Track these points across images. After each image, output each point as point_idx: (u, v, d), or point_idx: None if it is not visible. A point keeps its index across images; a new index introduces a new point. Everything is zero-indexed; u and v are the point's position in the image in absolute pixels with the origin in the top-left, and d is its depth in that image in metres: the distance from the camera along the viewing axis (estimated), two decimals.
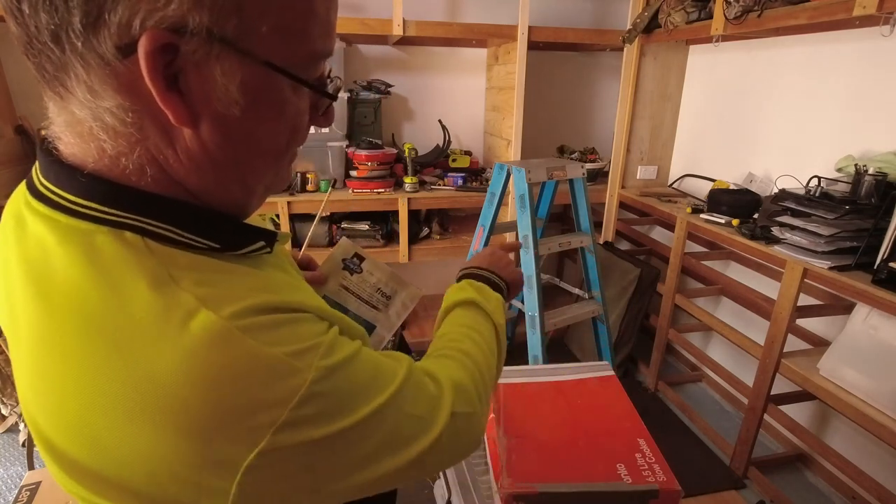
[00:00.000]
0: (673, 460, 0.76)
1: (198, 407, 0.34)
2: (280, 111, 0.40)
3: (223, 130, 0.39)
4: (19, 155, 2.18)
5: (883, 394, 1.38)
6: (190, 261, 0.39)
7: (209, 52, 0.35)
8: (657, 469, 0.74)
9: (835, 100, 1.77)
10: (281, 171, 0.46)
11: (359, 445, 0.40)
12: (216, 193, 0.42)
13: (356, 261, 0.79)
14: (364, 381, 0.42)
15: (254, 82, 0.37)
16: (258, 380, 0.35)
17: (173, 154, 0.39)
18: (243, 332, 0.35)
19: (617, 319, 2.38)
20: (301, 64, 0.40)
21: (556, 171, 1.92)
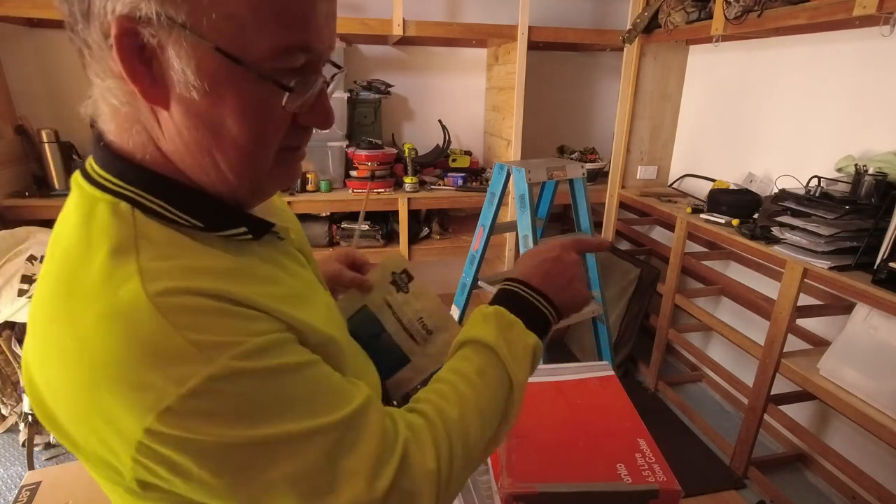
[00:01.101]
0: (673, 460, 0.76)
1: (102, 366, 0.36)
2: (242, 100, 0.41)
3: (189, 114, 0.41)
4: (19, 155, 2.18)
5: (883, 394, 1.38)
6: (164, 235, 0.41)
7: (168, 37, 0.38)
8: (657, 469, 0.74)
9: (835, 100, 1.77)
10: (261, 166, 0.45)
11: (248, 466, 0.38)
12: (198, 175, 0.44)
13: (404, 277, 0.69)
14: (287, 399, 0.40)
15: (209, 68, 0.39)
16: (154, 358, 0.36)
17: (160, 134, 0.42)
18: (161, 309, 0.36)
19: (617, 319, 2.38)
20: (261, 55, 0.39)
21: (556, 171, 1.92)
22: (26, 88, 2.25)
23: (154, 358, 0.36)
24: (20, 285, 1.89)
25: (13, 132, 2.15)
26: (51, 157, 2.10)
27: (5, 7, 1.87)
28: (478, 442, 0.49)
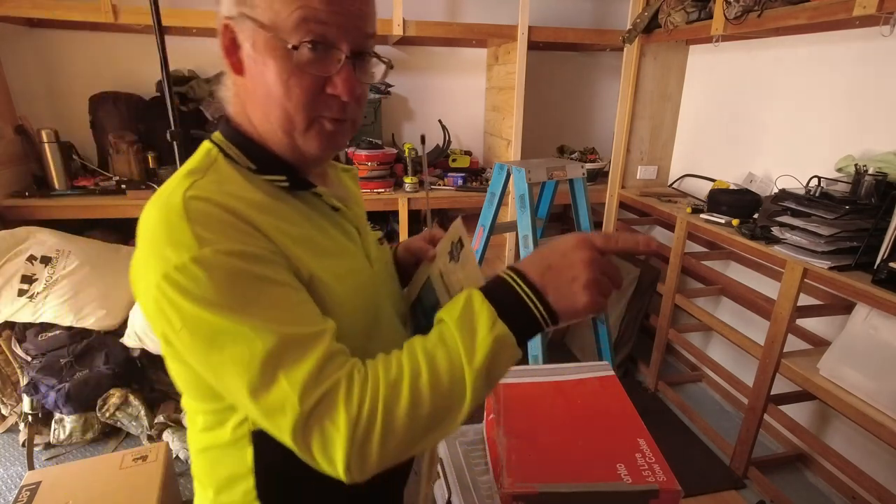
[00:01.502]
0: (673, 460, 0.76)
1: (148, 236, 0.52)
2: (276, 63, 0.54)
3: (254, 79, 0.57)
4: (19, 155, 2.18)
5: (883, 394, 1.38)
6: (228, 171, 0.58)
7: (240, 26, 0.56)
8: (657, 469, 0.74)
9: (835, 100, 1.77)
10: (293, 120, 0.57)
11: (210, 341, 0.49)
12: (265, 129, 0.60)
13: (458, 246, 0.67)
14: (250, 299, 0.49)
15: (258, 43, 0.55)
16: (170, 238, 0.50)
17: (246, 97, 0.60)
18: (186, 208, 0.51)
19: (617, 319, 2.38)
20: (288, 26, 0.53)
21: (556, 171, 1.92)
22: (26, 88, 2.25)
23: (170, 238, 0.50)
24: (20, 285, 1.89)
25: (13, 132, 2.15)
26: (51, 157, 2.09)
27: (5, 7, 1.87)
28: (407, 415, 0.49)
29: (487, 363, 0.50)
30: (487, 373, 0.51)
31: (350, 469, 0.48)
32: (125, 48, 2.32)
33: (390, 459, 0.50)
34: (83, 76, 2.30)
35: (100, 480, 1.46)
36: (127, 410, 1.96)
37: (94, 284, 1.98)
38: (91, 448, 1.99)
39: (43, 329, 1.97)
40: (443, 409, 0.50)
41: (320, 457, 0.49)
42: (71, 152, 2.21)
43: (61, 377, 1.91)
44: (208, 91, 2.29)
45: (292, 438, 0.48)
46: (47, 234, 1.97)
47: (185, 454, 1.88)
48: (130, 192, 2.08)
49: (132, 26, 2.05)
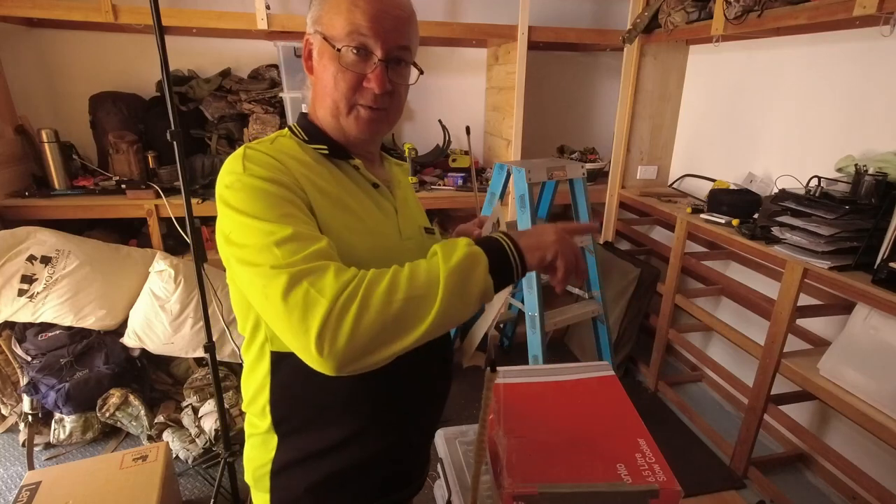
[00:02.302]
0: (673, 460, 0.76)
1: (222, 171, 0.71)
2: (331, 65, 0.73)
3: (319, 77, 0.76)
4: (19, 155, 2.18)
5: (883, 394, 1.38)
6: (289, 142, 0.77)
7: (313, 38, 0.76)
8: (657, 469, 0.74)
9: (835, 100, 1.77)
10: (338, 109, 0.75)
11: (241, 234, 0.63)
12: (321, 114, 0.78)
13: (497, 227, 0.78)
14: (268, 206, 0.64)
15: (321, 49, 0.74)
16: (229, 167, 0.70)
17: (314, 91, 0.79)
18: (246, 153, 0.70)
19: (617, 319, 2.38)
20: (340, 35, 0.71)
21: (556, 171, 1.92)
22: (26, 88, 2.25)
23: (229, 167, 0.69)
24: (20, 285, 1.89)
25: (13, 132, 2.15)
26: (51, 157, 2.09)
27: (5, 7, 1.87)
28: (382, 295, 0.57)
29: (461, 268, 0.60)
30: (460, 279, 0.59)
31: (321, 338, 0.54)
32: (125, 48, 2.32)
33: (359, 344, 0.55)
34: (83, 76, 2.30)
35: (100, 480, 1.46)
36: (127, 410, 1.96)
37: (94, 284, 1.98)
38: (91, 448, 1.99)
39: (43, 329, 1.97)
40: (416, 298, 0.58)
41: (298, 321, 0.55)
42: (71, 152, 2.21)
43: (61, 377, 1.91)
44: (208, 91, 2.29)
45: (282, 297, 0.56)
46: (47, 234, 1.97)
47: (185, 454, 1.89)
48: (130, 192, 2.08)
49: (132, 26, 2.05)
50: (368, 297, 0.56)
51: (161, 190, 2.09)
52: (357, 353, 0.56)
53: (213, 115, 2.28)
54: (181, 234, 2.09)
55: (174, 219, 2.08)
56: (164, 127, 1.34)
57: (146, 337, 2.03)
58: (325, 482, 0.76)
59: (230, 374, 2.17)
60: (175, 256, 2.13)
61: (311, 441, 0.76)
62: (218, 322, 2.05)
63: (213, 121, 2.30)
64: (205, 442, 1.90)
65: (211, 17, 2.03)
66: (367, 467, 0.78)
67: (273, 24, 2.04)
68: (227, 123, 2.31)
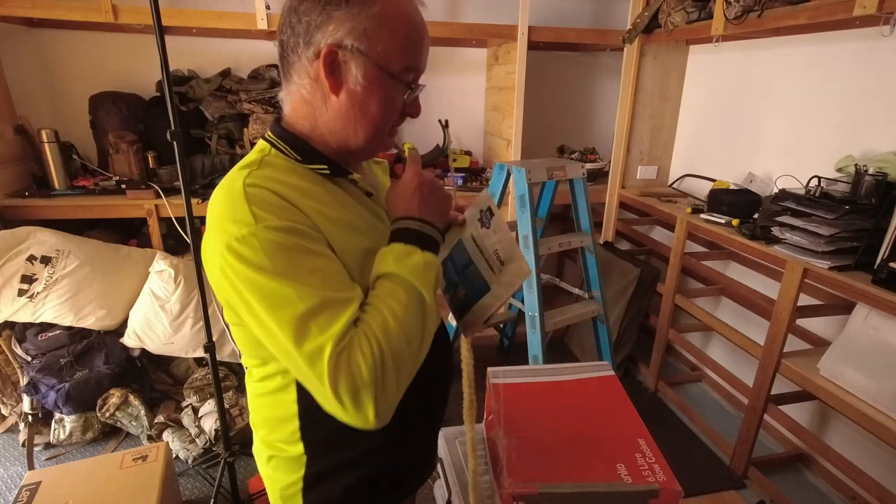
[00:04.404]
0: (673, 460, 0.76)
1: (216, 214, 0.65)
2: (382, 93, 0.69)
3: (352, 98, 0.69)
4: (19, 155, 2.18)
5: (883, 394, 1.38)
6: (277, 162, 0.71)
7: (351, 57, 0.67)
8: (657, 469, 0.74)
9: (835, 100, 1.77)
10: (381, 136, 0.73)
11: (260, 300, 0.60)
12: (339, 134, 0.72)
13: (488, 214, 0.79)
14: (294, 265, 0.60)
15: (370, 74, 0.68)
16: (234, 215, 0.63)
17: (325, 111, 0.71)
18: (246, 192, 0.63)
19: (617, 319, 2.38)
20: (398, 70, 0.69)
21: (556, 171, 1.92)
22: (26, 88, 2.25)
23: (233, 215, 0.63)
24: (20, 285, 1.89)
25: (13, 132, 2.15)
26: (51, 157, 2.09)
27: (5, 7, 1.87)
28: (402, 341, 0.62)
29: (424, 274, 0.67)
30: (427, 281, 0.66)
31: (378, 413, 0.59)
32: (125, 48, 2.32)
33: (398, 397, 0.61)
34: (83, 76, 2.30)
35: (100, 480, 1.46)
36: (127, 410, 1.96)
37: (94, 284, 1.98)
38: (91, 448, 1.99)
39: (43, 329, 1.97)
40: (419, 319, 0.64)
41: (349, 403, 0.58)
42: (71, 152, 2.21)
43: (61, 377, 1.91)
44: (208, 91, 2.29)
45: (324, 382, 0.57)
46: (47, 234, 1.97)
47: (185, 454, 1.89)
48: (130, 192, 2.08)
49: (132, 26, 2.05)
50: (399, 362, 0.61)
51: (161, 190, 2.09)
52: (405, 384, 0.63)
53: (213, 115, 2.28)
54: (181, 234, 2.09)
55: (174, 219, 2.08)
56: (164, 127, 1.34)
57: (146, 337, 2.03)
58: (357, 484, 0.79)
59: (230, 374, 2.17)
60: (175, 256, 2.13)
61: (343, 454, 0.77)
62: (218, 322, 2.05)
63: (213, 121, 2.29)
64: (205, 442, 1.90)
65: (211, 17, 2.03)
66: (396, 465, 0.82)
67: (273, 24, 2.04)
68: (227, 123, 2.31)
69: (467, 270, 0.80)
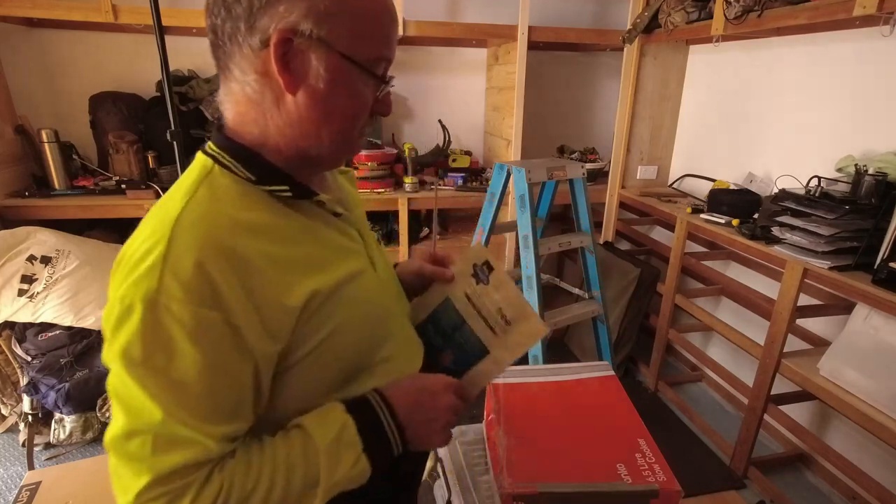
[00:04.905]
0: (673, 460, 0.76)
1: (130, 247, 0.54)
2: (350, 89, 0.58)
3: (312, 97, 0.56)
4: (19, 155, 2.18)
5: (883, 394, 1.38)
6: (226, 183, 0.57)
7: (310, 46, 0.54)
8: (657, 469, 0.74)
9: (835, 100, 1.77)
10: (349, 141, 0.61)
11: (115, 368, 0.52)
12: (297, 141, 0.59)
13: (485, 269, 0.70)
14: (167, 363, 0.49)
15: (334, 67, 0.56)
16: (142, 265, 0.51)
17: (277, 113, 0.58)
18: (168, 252, 0.50)
19: (617, 319, 2.38)
20: (367, 61, 0.57)
21: (556, 171, 1.92)
22: (26, 88, 2.25)
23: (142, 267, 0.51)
24: (20, 285, 1.89)
25: (13, 132, 2.15)
26: (51, 157, 2.09)
27: (5, 7, 1.87)
28: None
29: (340, 488, 0.57)
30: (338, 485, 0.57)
31: None
32: (125, 48, 2.32)
33: None
34: (83, 76, 2.30)
35: (100, 480, 1.46)
36: None
37: (94, 284, 1.98)
38: (91, 448, 1.98)
39: (43, 329, 1.97)
40: None
41: None
42: (71, 152, 2.21)
43: (61, 377, 1.91)
44: (208, 91, 2.29)
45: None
46: (47, 234, 1.97)
47: None
48: (130, 192, 2.08)
49: (132, 26, 2.05)
50: None
51: (161, 190, 2.09)
52: None
53: (214, 115, 2.28)
54: None
55: None
56: (164, 127, 1.34)
57: None
58: None
59: None
60: None
61: None
62: None
63: (213, 121, 2.29)
64: None
65: None
66: None
67: None
68: None
69: (458, 333, 0.71)
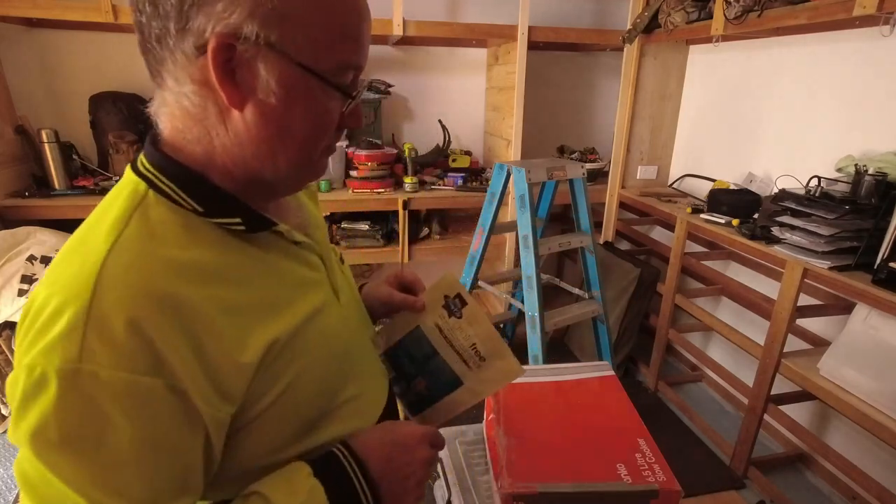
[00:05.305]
0: (673, 460, 0.76)
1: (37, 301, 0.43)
2: (308, 104, 0.49)
3: (263, 114, 0.48)
4: (19, 155, 2.18)
5: (883, 394, 1.38)
6: (162, 216, 0.48)
7: (257, 53, 0.45)
8: (657, 469, 0.74)
9: (835, 99, 1.77)
10: (311, 159, 0.53)
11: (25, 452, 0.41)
12: (248, 164, 0.50)
13: (457, 303, 0.69)
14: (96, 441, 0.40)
15: (288, 78, 0.47)
16: (55, 325, 0.41)
17: (224, 131, 0.49)
18: (92, 308, 0.40)
19: (617, 319, 2.38)
20: (330, 70, 0.48)
21: (556, 171, 1.92)
22: (26, 88, 2.25)
23: (56, 327, 0.41)
24: (20, 285, 1.89)
25: (13, 132, 2.15)
26: (51, 157, 2.09)
27: (5, 7, 1.87)
28: None
29: None
30: None
31: None
32: (125, 48, 2.32)
33: None
34: (83, 76, 2.30)
35: None
36: None
37: None
38: None
39: None
40: None
41: None
42: (71, 152, 2.21)
43: None
44: None
45: None
46: (47, 234, 1.97)
47: None
48: None
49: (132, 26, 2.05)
50: None
51: None
52: None
53: None
54: None
55: None
56: None
57: None
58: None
59: None
60: None
61: None
62: None
63: None
64: None
65: None
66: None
67: None
68: None
69: (431, 362, 0.70)
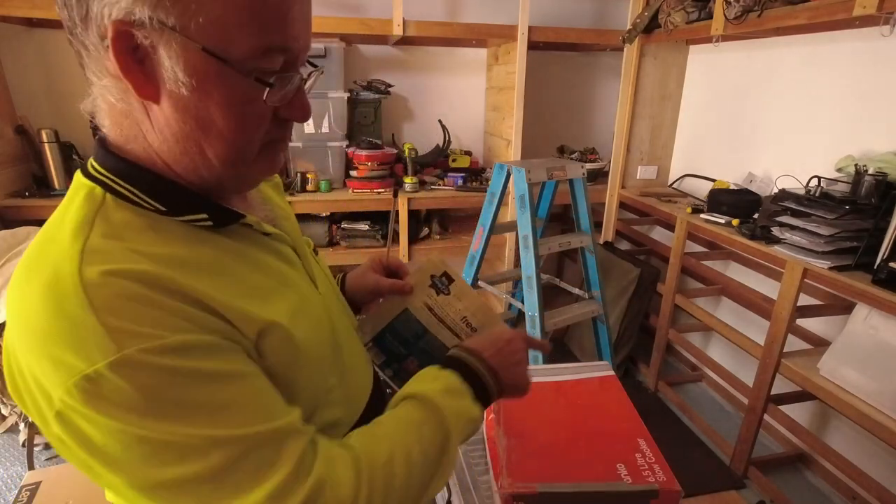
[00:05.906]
0: (673, 460, 0.76)
1: (33, 335, 0.40)
2: (224, 94, 0.44)
3: (178, 106, 0.44)
4: (19, 155, 2.18)
5: (883, 394, 1.38)
6: (125, 218, 0.45)
7: (159, 39, 0.41)
8: (657, 469, 0.74)
9: (835, 100, 1.77)
10: (246, 155, 0.48)
11: (142, 459, 0.39)
12: (183, 164, 0.48)
13: (444, 280, 0.73)
14: (193, 403, 0.40)
15: (197, 66, 0.42)
16: (69, 336, 0.38)
17: (150, 126, 0.46)
18: (88, 290, 0.39)
19: (617, 319, 2.38)
20: (246, 54, 0.43)
21: (556, 171, 1.92)
22: (26, 88, 2.25)
23: (70, 336, 0.38)
24: None
25: (13, 132, 2.15)
26: (51, 157, 2.09)
27: (5, 7, 1.86)
28: (403, 492, 0.49)
29: (462, 439, 0.58)
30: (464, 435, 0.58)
31: None
32: None
33: None
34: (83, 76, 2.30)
35: None
36: None
37: None
38: None
39: None
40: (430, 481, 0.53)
41: None
42: (71, 152, 2.20)
43: None
44: None
45: None
46: None
47: None
48: None
49: None
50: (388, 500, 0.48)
51: None
52: None
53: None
54: None
55: None
56: None
57: None
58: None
59: None
60: None
61: None
62: None
63: None
64: None
65: None
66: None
67: None
68: None
69: (421, 341, 0.74)
